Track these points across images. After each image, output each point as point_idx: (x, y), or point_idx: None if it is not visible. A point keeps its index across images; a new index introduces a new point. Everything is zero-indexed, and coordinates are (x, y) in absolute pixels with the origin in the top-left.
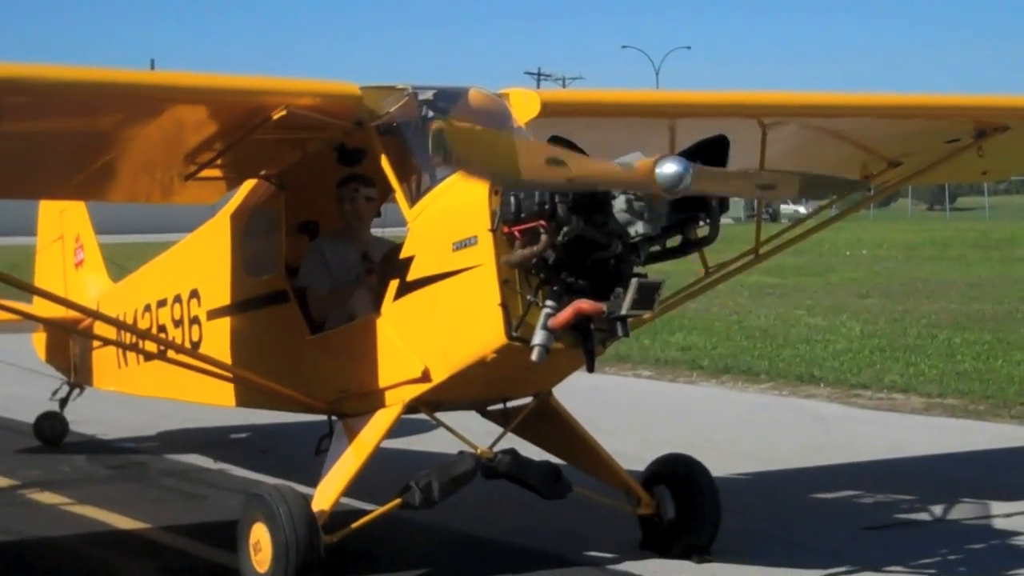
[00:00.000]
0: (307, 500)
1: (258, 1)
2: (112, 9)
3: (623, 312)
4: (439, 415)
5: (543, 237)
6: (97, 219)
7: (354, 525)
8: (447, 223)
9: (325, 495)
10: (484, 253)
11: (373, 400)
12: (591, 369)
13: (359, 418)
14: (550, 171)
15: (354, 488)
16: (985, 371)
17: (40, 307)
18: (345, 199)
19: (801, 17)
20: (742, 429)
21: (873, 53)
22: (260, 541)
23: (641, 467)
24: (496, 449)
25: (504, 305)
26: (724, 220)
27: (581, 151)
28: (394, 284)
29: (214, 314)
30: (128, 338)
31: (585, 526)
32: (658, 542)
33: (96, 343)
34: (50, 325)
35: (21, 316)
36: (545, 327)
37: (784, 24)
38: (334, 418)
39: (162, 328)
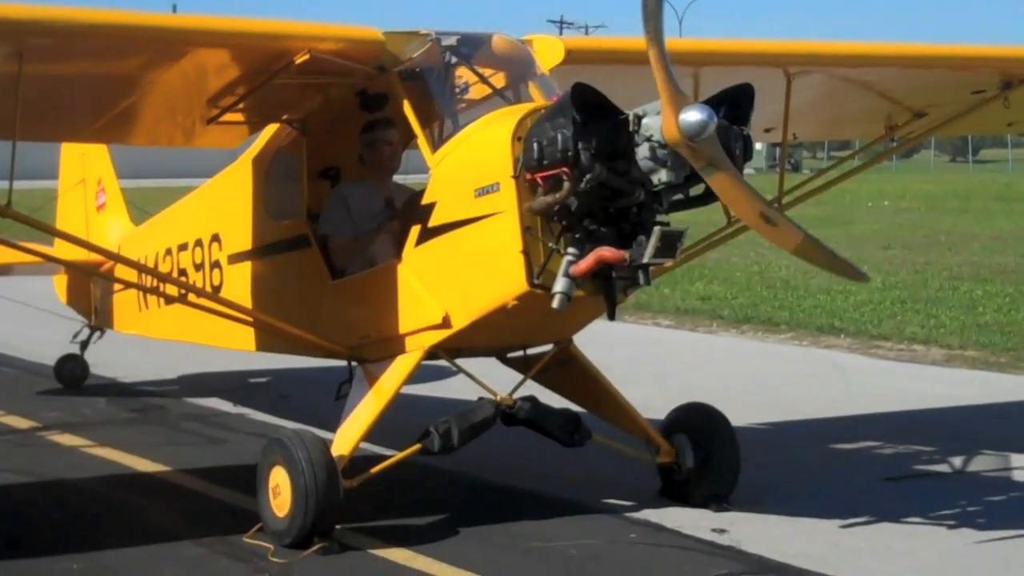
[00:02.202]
0: (327, 445)
1: None
2: None
3: (645, 260)
4: (459, 361)
5: (566, 184)
6: (119, 162)
7: (373, 470)
8: (469, 169)
9: (345, 440)
10: (506, 200)
11: (393, 346)
12: (612, 317)
13: (379, 364)
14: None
15: (374, 433)
16: (1006, 323)
17: (61, 249)
18: (367, 145)
19: None
20: (762, 379)
21: (899, 4)
22: (279, 485)
23: (661, 416)
24: (516, 396)
25: (526, 252)
26: (746, 170)
27: (605, 97)
28: (415, 230)
29: (235, 258)
30: (149, 281)
31: (604, 474)
32: (677, 491)
33: (117, 286)
34: (71, 268)
35: (42, 258)
36: (567, 274)
37: None
38: (354, 364)
39: (183, 272)
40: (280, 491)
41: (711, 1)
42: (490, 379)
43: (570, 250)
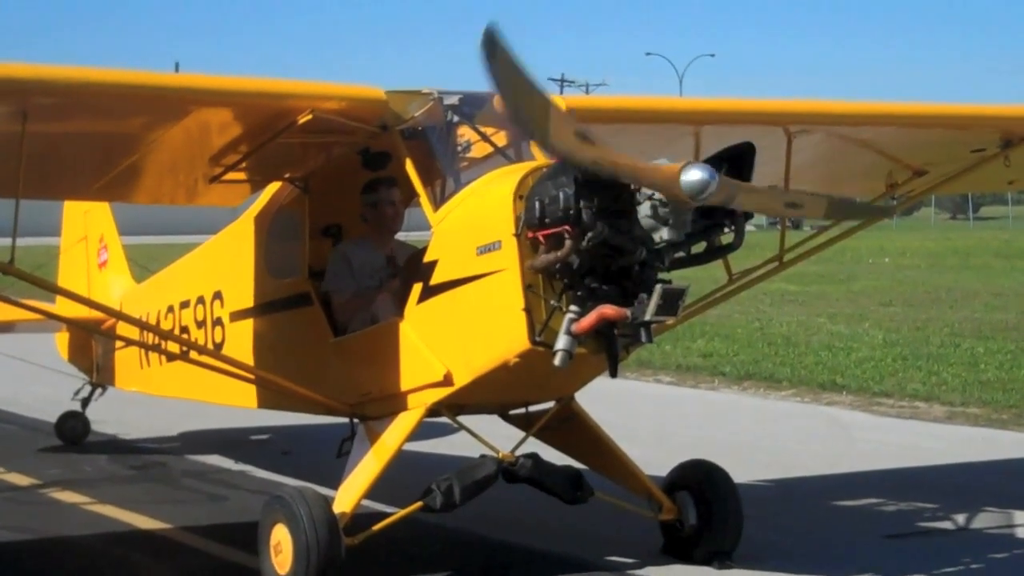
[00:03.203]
0: (328, 502)
1: (282, 7)
2: (136, 14)
3: (647, 318)
4: (461, 419)
5: (567, 242)
6: (121, 219)
7: (375, 527)
8: (471, 227)
9: (346, 497)
10: (508, 258)
11: (395, 403)
12: (614, 374)
13: (381, 421)
14: (577, 145)
15: (375, 491)
16: (1008, 380)
17: (63, 307)
18: (369, 203)
19: (825, 27)
20: (764, 436)
21: (899, 64)
22: (281, 542)
23: (663, 473)
24: (518, 453)
25: (528, 310)
26: (748, 227)
27: None
28: (417, 288)
29: (237, 316)
30: (151, 339)
31: (606, 531)
32: (679, 548)
33: (119, 343)
34: (73, 325)
35: (45, 316)
36: (568, 332)
37: (808, 34)
38: (356, 421)
39: (185, 329)
40: (282, 548)
41: (711, 61)
42: (492, 436)
43: (572, 308)
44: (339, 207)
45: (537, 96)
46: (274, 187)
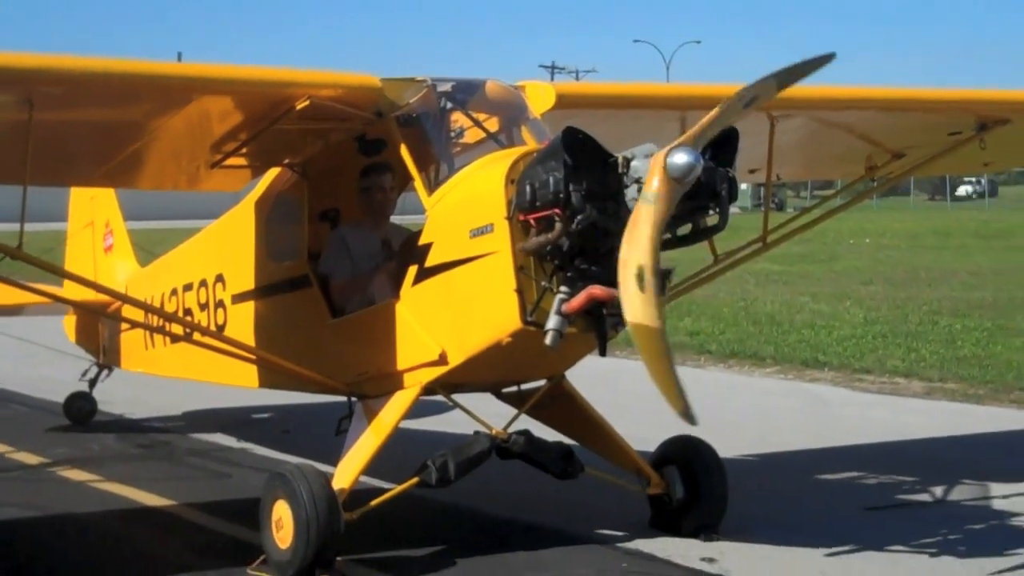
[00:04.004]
0: (327, 479)
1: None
2: (141, 5)
3: None
4: (456, 397)
5: (557, 225)
6: (126, 205)
7: (373, 503)
8: (464, 211)
9: (345, 474)
10: (500, 240)
11: (392, 382)
12: (603, 353)
13: (378, 399)
14: None
15: (373, 467)
16: (985, 357)
17: (70, 290)
18: (365, 188)
19: (806, 14)
20: (749, 412)
21: (878, 49)
22: (282, 518)
23: (651, 448)
24: (511, 430)
25: (519, 291)
26: (732, 209)
27: (595, 141)
28: (412, 270)
29: (239, 298)
30: (155, 321)
31: (596, 505)
32: (667, 521)
33: (124, 326)
34: (80, 308)
35: (52, 299)
36: (559, 312)
37: (789, 21)
38: (354, 399)
39: (188, 311)
40: (283, 524)
41: (697, 48)
42: (486, 414)
43: (562, 288)
44: (336, 192)
45: None
46: (273, 173)
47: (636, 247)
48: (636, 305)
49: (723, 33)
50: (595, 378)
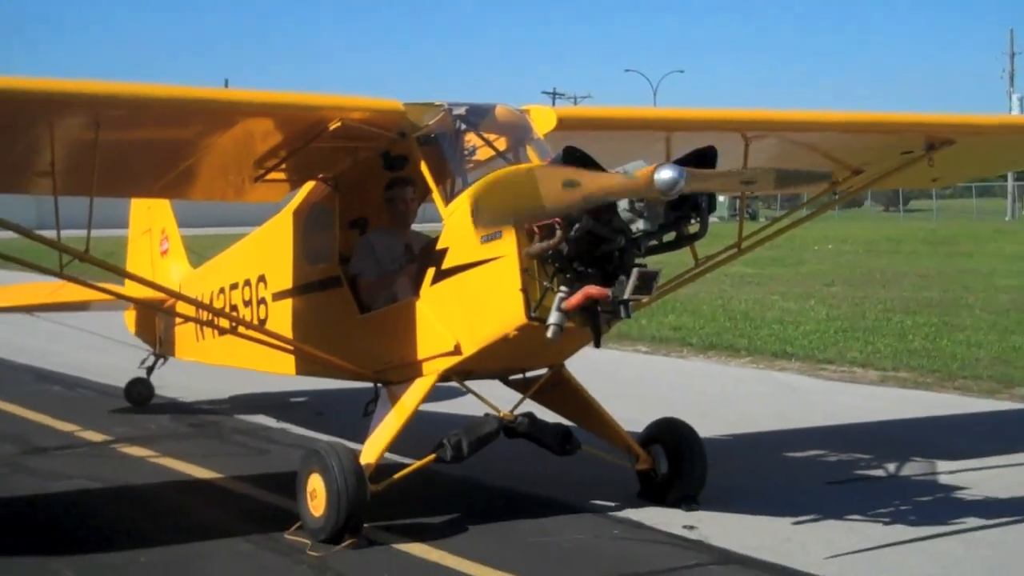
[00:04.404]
0: (356, 455)
1: (315, 32)
2: (189, 35)
3: (625, 296)
4: (468, 383)
5: (558, 232)
6: (180, 214)
7: (396, 476)
8: None
9: (371, 450)
10: (508, 246)
11: (412, 370)
12: (598, 345)
13: (400, 385)
14: (567, 194)
15: (395, 445)
16: (932, 349)
17: (131, 289)
18: (390, 199)
19: (779, 46)
20: (725, 397)
21: (840, 77)
22: (316, 489)
23: (639, 429)
24: (516, 413)
25: (524, 290)
26: (711, 219)
27: (592, 158)
28: (431, 272)
29: (278, 296)
30: (205, 316)
31: (591, 479)
32: (653, 493)
33: (178, 320)
34: (139, 304)
35: (115, 296)
36: (559, 309)
37: (765, 51)
38: (379, 385)
39: (234, 307)
40: (316, 494)
41: (681, 76)
42: (494, 398)
43: (562, 288)
44: (364, 202)
45: (520, 183)
46: (309, 186)
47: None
48: (762, 187)
49: (704, 63)
50: (591, 367)
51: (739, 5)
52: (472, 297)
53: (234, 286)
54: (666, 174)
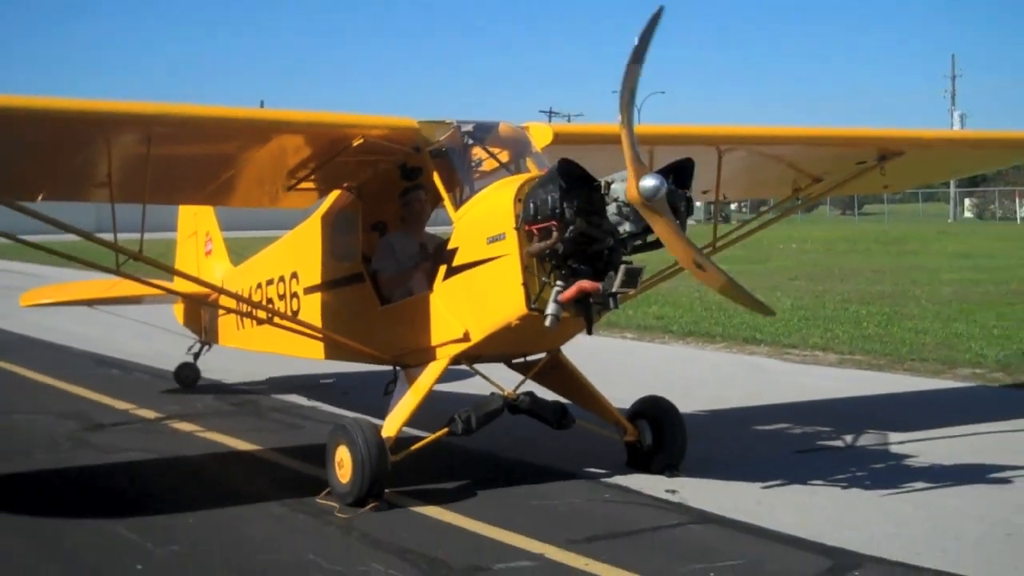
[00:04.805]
0: (378, 429)
1: (341, 59)
2: (227, 60)
3: (614, 290)
4: (476, 366)
5: (554, 234)
6: (221, 218)
7: (413, 448)
8: (482, 223)
9: (391, 425)
10: (510, 245)
11: (427, 355)
12: (590, 332)
13: (416, 368)
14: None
15: (412, 420)
16: (884, 335)
17: (179, 285)
18: (406, 204)
19: (749, 71)
20: (702, 378)
21: (802, 95)
22: (343, 460)
23: (627, 405)
24: (519, 392)
25: (525, 285)
26: (689, 221)
27: (583, 168)
28: (443, 268)
29: (309, 290)
30: (244, 308)
31: (585, 450)
32: (639, 462)
33: (221, 312)
34: (187, 298)
35: (165, 292)
36: (556, 301)
37: (735, 75)
38: (397, 368)
39: (270, 300)
40: (343, 464)
41: (662, 97)
42: (499, 379)
43: (558, 283)
44: (384, 208)
45: None
46: (335, 194)
47: (679, 253)
48: (706, 279)
49: (683, 86)
50: (584, 352)
51: (713, 37)
52: (479, 291)
53: (270, 282)
54: (649, 182)
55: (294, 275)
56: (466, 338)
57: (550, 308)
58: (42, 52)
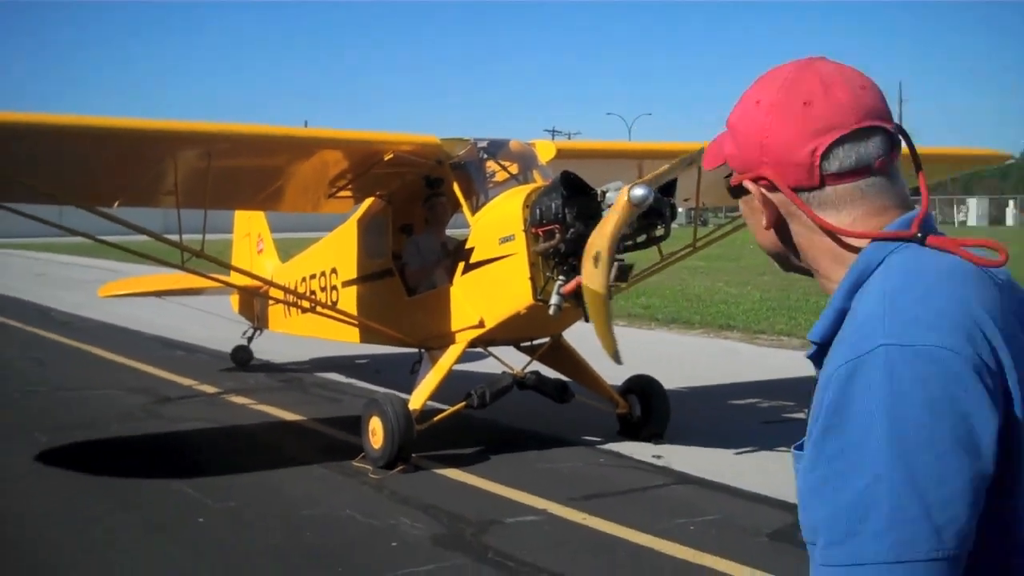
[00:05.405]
0: (406, 402)
1: (371, 80)
2: (273, 85)
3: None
4: (490, 349)
5: (557, 235)
6: (271, 221)
7: (435, 419)
8: (495, 225)
9: (417, 399)
10: (519, 245)
11: (447, 339)
12: (587, 320)
13: (438, 350)
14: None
15: (435, 395)
16: None
17: (235, 279)
18: (430, 210)
19: (728, 97)
20: (683, 358)
21: None
22: (375, 429)
23: (619, 382)
24: (526, 371)
25: (532, 279)
26: (673, 225)
27: (582, 179)
28: (461, 265)
29: (346, 283)
30: (291, 299)
31: (583, 421)
32: (629, 431)
33: (271, 302)
34: (242, 291)
35: (224, 284)
36: (558, 293)
37: (717, 100)
38: (422, 350)
39: (313, 292)
40: (376, 432)
41: (650, 118)
42: (509, 360)
43: (560, 277)
44: (411, 213)
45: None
46: (369, 200)
47: (598, 237)
48: (590, 275)
49: (669, 107)
50: (582, 336)
51: (693, 64)
52: (492, 284)
53: (313, 276)
54: (639, 191)
55: (334, 270)
56: (481, 324)
57: (553, 299)
58: (117, 77)
